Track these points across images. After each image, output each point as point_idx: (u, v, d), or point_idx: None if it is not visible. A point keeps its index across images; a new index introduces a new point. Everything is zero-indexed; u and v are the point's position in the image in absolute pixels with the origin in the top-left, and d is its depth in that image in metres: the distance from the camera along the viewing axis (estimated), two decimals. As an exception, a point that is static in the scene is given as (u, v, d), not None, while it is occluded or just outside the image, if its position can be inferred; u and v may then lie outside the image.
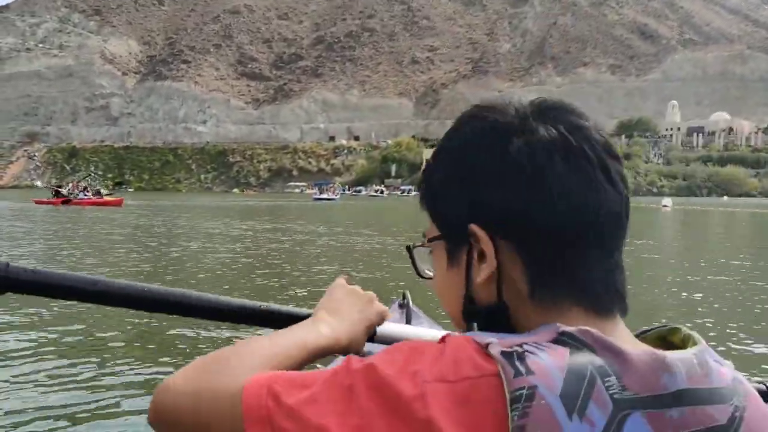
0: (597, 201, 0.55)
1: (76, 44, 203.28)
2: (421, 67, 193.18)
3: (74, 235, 17.73)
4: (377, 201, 73.65)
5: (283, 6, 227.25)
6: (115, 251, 13.71)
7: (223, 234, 18.48)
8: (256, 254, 12.86)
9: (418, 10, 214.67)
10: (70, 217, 27.51)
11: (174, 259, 12.00)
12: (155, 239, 16.64)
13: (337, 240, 15.92)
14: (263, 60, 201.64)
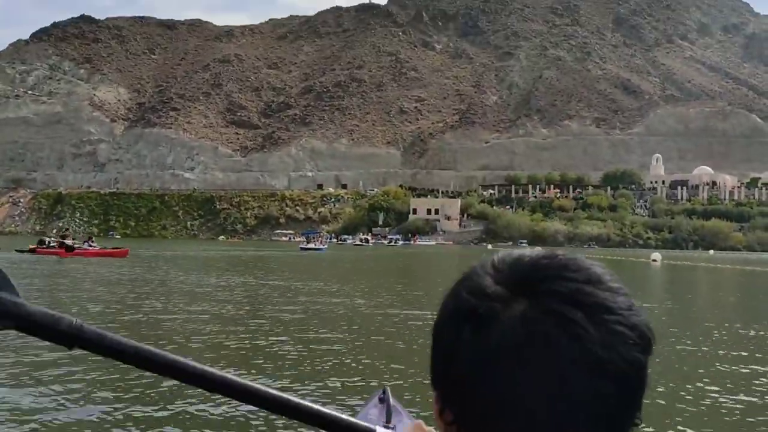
0: (559, 413, 0.53)
1: (65, 91, 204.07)
2: (408, 117, 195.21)
3: (93, 288, 17.49)
4: (363, 250, 73.35)
5: (272, 56, 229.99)
6: (112, 305, 13.40)
7: (209, 291, 18.14)
8: (240, 317, 12.51)
9: (406, 61, 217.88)
10: (75, 267, 27.10)
11: (163, 319, 11.74)
12: (149, 294, 16.34)
13: (324, 303, 15.51)
14: (252, 108, 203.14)
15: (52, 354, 7.63)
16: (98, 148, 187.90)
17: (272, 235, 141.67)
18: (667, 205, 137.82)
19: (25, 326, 0.70)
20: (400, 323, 11.88)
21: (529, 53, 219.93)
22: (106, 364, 6.52)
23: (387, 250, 77.09)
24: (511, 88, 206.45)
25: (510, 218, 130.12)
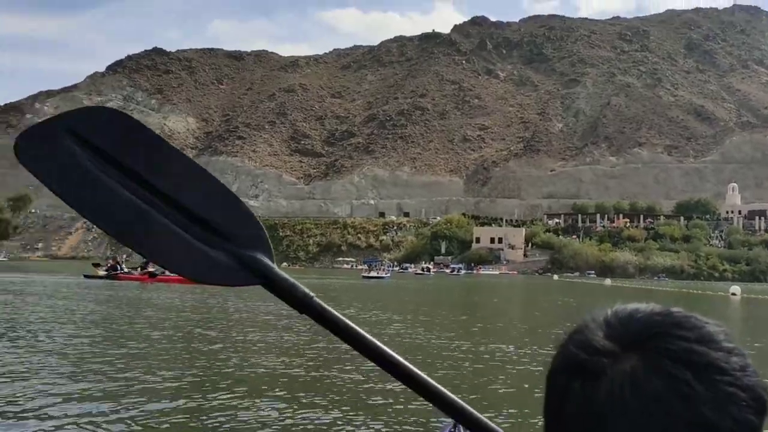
0: None
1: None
2: (472, 145, 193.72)
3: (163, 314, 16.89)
4: (425, 279, 71.92)
5: (336, 85, 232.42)
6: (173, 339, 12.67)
7: (269, 319, 17.29)
8: (300, 346, 11.64)
9: (470, 89, 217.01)
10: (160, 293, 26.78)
11: (220, 348, 10.98)
12: (212, 321, 15.62)
13: (387, 334, 14.52)
14: (316, 136, 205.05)
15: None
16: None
17: (334, 263, 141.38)
18: (744, 236, 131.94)
19: (269, 286, 0.91)
20: (464, 356, 11.45)
21: (597, 80, 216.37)
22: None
23: (450, 280, 75.45)
24: (577, 116, 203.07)
25: (577, 248, 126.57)
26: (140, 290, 30.77)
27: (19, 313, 19.09)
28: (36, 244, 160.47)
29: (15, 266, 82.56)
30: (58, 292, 29.85)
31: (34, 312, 19.72)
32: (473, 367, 10.35)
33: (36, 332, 14.46)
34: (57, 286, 33.86)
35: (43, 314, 19.15)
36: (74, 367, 9.91)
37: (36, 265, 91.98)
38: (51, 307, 20.41)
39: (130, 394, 7.35)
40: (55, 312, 19.89)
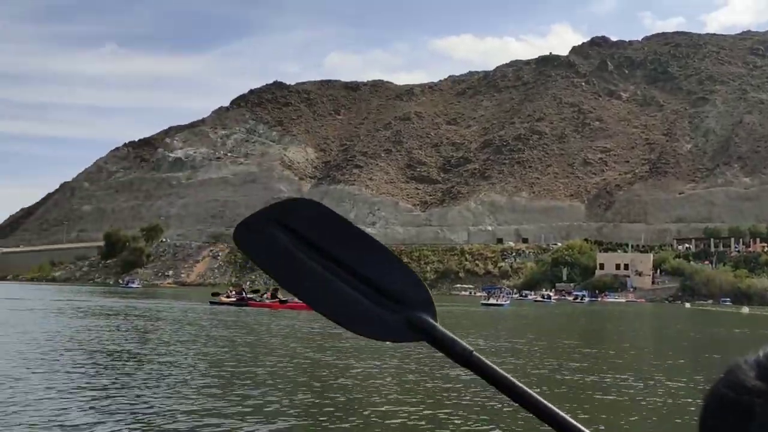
0: None
1: (259, 152, 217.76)
2: (593, 169, 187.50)
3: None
4: (546, 307, 69.53)
5: (451, 112, 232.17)
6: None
7: (387, 348, 16.59)
8: (419, 376, 10.84)
9: (590, 112, 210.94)
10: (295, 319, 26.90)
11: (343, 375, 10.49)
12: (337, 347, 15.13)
13: (510, 363, 13.41)
14: (432, 164, 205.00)
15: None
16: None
17: (452, 290, 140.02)
18: None
19: (432, 342, 1.09)
20: (592, 388, 10.99)
21: (727, 97, 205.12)
22: None
23: (572, 307, 72.62)
24: (707, 135, 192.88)
25: (710, 274, 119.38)
26: (266, 315, 31.01)
27: (151, 336, 19.39)
28: (167, 271, 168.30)
29: (148, 293, 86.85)
30: (185, 318, 30.44)
31: (164, 336, 19.99)
32: (602, 400, 9.31)
33: (163, 355, 14.44)
34: (185, 312, 34.72)
35: (170, 338, 19.36)
36: (199, 387, 9.79)
37: (166, 292, 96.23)
38: (178, 332, 20.63)
39: (249, 415, 7.40)
40: (181, 336, 20.06)
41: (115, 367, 12.80)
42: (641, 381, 13.00)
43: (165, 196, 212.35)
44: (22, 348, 16.19)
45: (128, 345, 16.80)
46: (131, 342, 17.41)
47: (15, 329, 21.64)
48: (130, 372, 12.27)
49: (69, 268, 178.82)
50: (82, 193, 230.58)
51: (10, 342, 17.74)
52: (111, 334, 20.18)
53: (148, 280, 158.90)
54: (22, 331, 20.93)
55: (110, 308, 39.36)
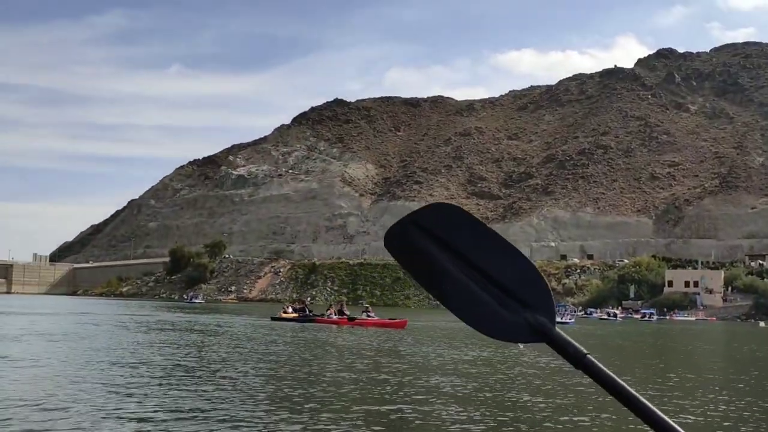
0: None
1: (320, 169, 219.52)
2: (661, 183, 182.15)
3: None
4: (612, 325, 67.24)
5: (513, 127, 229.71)
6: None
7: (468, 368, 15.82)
8: (481, 395, 10.09)
9: (657, 125, 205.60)
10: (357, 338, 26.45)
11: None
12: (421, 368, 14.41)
13: (576, 385, 12.37)
14: (493, 179, 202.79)
15: None
16: (348, 221, 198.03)
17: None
18: None
19: (549, 343, 1.25)
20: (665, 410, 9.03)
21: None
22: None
23: (640, 326, 70.15)
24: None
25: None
26: (331, 332, 30.60)
27: (211, 351, 19.12)
28: (229, 287, 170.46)
29: (210, 308, 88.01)
30: (245, 333, 30.17)
31: (223, 352, 19.68)
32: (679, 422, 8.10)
33: (221, 370, 14.10)
34: (246, 327, 34.57)
35: (230, 354, 19.02)
36: (258, 405, 9.79)
37: (228, 307, 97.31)
38: (238, 348, 20.31)
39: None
40: (241, 352, 19.69)
41: (170, 381, 12.61)
42: (712, 403, 12.10)
43: (228, 212, 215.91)
44: (87, 359, 16.35)
45: (186, 360, 16.58)
46: (189, 357, 17.18)
47: (82, 342, 21.85)
48: (187, 385, 12.00)
49: (136, 284, 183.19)
50: (149, 210, 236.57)
51: (75, 354, 17.86)
52: (170, 348, 20.07)
53: (211, 296, 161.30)
54: (87, 345, 21.08)
55: (172, 323, 39.77)
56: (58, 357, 16.79)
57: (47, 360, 16.12)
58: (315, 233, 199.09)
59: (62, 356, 16.85)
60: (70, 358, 16.42)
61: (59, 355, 17.34)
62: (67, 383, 12.25)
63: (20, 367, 13.80)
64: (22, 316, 42.98)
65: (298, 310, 45.65)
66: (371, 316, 41.43)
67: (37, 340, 21.67)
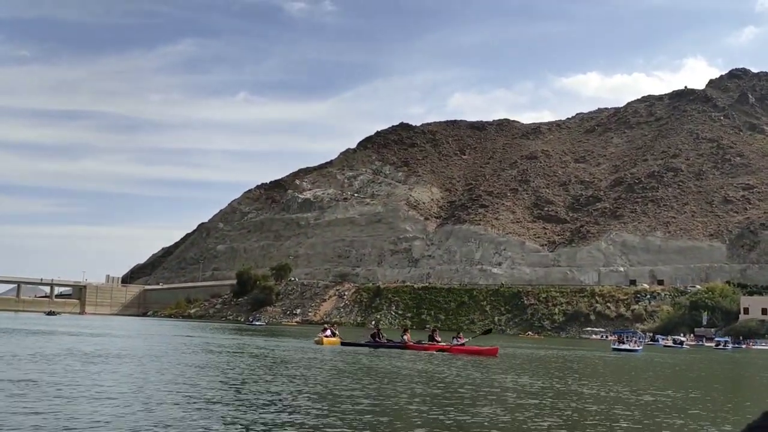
0: None
1: (385, 193, 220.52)
2: (735, 207, 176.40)
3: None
4: (683, 354, 65.11)
5: (580, 150, 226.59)
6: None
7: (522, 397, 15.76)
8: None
9: (730, 147, 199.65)
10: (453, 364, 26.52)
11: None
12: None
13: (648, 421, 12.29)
14: (559, 203, 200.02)
15: None
16: (413, 244, 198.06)
17: (582, 333, 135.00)
18: None
19: None
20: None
21: None
22: None
23: (713, 354, 67.77)
24: None
25: None
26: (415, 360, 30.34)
27: (249, 376, 19.42)
28: (294, 309, 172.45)
29: (270, 330, 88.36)
30: (292, 357, 30.45)
31: (274, 376, 19.92)
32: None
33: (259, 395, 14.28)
34: (295, 352, 34.80)
35: (273, 377, 19.25)
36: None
37: (290, 330, 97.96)
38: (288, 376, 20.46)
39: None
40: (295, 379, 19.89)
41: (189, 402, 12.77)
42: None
43: (294, 236, 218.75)
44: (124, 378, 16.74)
45: (213, 382, 16.82)
46: (216, 380, 17.42)
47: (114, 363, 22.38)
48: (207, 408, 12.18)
49: (203, 305, 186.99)
50: (217, 233, 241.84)
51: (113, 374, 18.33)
52: (198, 371, 20.30)
53: (277, 318, 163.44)
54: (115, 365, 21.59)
55: (221, 345, 39.53)
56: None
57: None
58: (380, 257, 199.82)
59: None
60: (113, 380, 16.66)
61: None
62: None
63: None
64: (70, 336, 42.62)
65: (373, 336, 42.99)
66: (461, 342, 39.39)
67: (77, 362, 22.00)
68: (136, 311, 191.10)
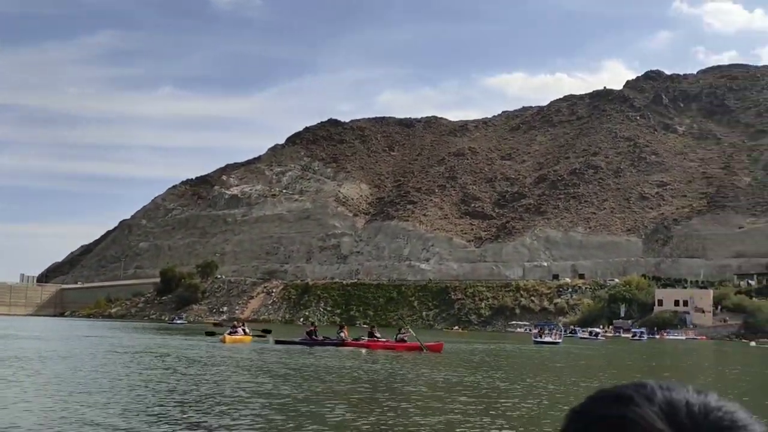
0: None
1: (314, 189, 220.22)
2: (650, 203, 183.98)
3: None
4: (603, 345, 68.05)
5: (506, 147, 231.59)
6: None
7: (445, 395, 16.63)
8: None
9: (646, 146, 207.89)
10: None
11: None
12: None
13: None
14: (486, 199, 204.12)
15: None
16: (342, 241, 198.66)
17: (507, 327, 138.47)
18: None
19: None
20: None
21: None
22: None
23: (631, 345, 71.08)
24: (766, 168, 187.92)
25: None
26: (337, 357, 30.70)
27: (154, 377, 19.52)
28: (221, 307, 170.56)
29: (190, 328, 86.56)
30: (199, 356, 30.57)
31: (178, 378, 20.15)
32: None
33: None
34: (210, 348, 34.85)
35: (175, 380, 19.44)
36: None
37: (210, 328, 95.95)
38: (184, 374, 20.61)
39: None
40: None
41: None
42: None
43: (221, 233, 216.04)
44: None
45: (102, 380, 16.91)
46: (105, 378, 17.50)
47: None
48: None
49: (125, 305, 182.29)
50: (140, 230, 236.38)
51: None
52: (88, 372, 20.08)
53: (203, 317, 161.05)
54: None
55: (128, 345, 38.45)
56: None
57: None
58: (308, 253, 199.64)
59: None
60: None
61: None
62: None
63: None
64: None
65: (309, 333, 41.56)
66: (405, 340, 38.47)
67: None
68: (53, 311, 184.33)
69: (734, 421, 0.70)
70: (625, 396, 0.73)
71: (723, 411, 0.71)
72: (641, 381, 0.76)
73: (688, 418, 0.69)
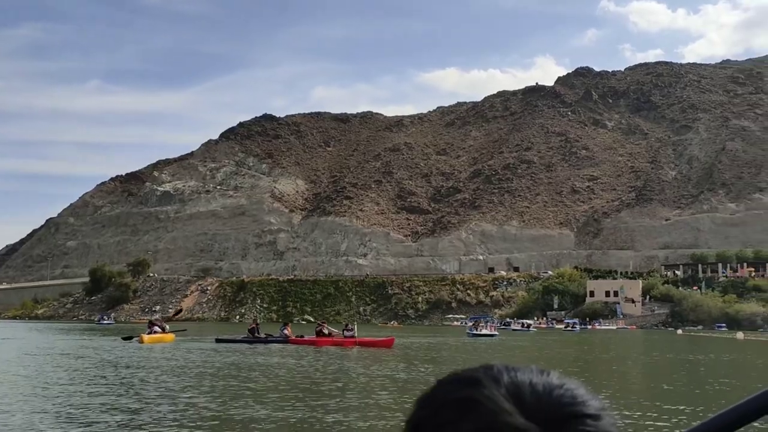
0: None
1: (249, 185, 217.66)
2: (581, 197, 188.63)
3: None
4: (532, 337, 69.30)
5: (441, 142, 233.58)
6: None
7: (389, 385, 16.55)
8: None
9: (576, 140, 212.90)
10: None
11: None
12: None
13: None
14: (422, 194, 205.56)
15: None
16: (278, 237, 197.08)
17: (444, 320, 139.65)
18: None
19: None
20: None
21: (710, 125, 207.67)
22: None
23: (560, 336, 72.61)
24: (691, 162, 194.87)
25: (698, 300, 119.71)
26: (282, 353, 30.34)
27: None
28: (154, 306, 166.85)
29: (118, 328, 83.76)
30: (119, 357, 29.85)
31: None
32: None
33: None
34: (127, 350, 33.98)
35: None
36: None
37: (141, 327, 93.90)
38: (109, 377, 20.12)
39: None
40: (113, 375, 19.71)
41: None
42: (638, 410, 13.04)
43: (153, 230, 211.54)
44: None
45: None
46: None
47: None
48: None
49: (53, 305, 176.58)
50: (67, 228, 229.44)
51: None
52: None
53: (135, 316, 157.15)
54: None
55: (52, 347, 37.51)
56: None
57: None
58: (244, 250, 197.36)
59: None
60: None
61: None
62: None
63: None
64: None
65: (250, 331, 40.65)
66: (353, 335, 38.08)
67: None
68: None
69: (574, 397, 0.79)
70: (473, 378, 0.78)
71: (564, 388, 0.80)
72: (489, 363, 0.79)
73: (532, 396, 0.77)
